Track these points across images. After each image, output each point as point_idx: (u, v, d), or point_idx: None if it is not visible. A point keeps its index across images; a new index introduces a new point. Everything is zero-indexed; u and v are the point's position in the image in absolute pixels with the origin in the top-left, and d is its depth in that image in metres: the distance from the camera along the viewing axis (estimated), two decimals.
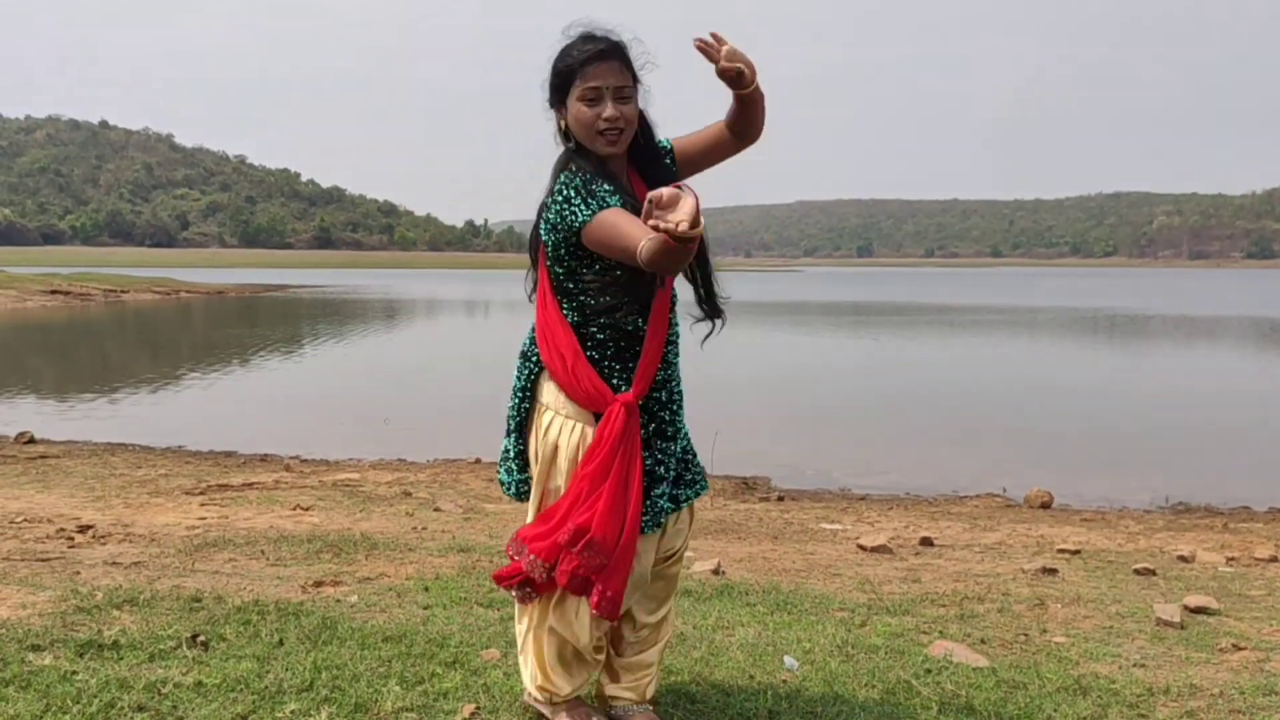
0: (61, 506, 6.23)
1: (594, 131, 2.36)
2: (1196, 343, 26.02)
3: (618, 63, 2.34)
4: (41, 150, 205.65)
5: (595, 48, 2.34)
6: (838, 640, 3.55)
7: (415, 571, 4.49)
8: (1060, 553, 5.64)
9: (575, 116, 2.37)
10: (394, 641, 3.29)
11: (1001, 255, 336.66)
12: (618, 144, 2.37)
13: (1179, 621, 3.96)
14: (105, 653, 3.08)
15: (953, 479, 8.91)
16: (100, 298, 38.69)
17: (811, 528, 6.50)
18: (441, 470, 8.68)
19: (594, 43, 2.35)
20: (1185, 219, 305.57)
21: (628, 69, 2.37)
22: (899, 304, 45.05)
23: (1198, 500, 8.13)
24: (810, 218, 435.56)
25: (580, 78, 2.34)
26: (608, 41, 2.35)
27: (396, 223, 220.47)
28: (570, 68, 2.35)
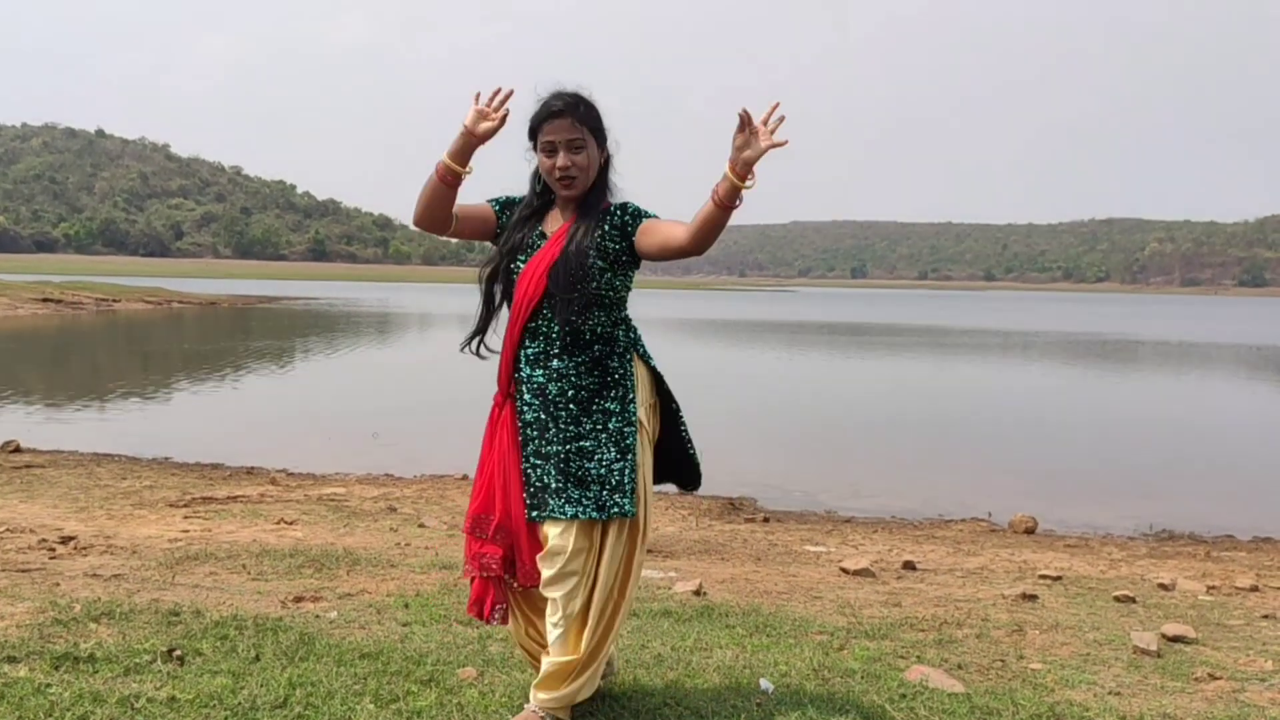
0: (44, 517, 6.21)
1: (553, 178, 2.78)
2: (1186, 370, 26.11)
3: (570, 118, 2.72)
4: (37, 157, 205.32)
5: (550, 107, 2.74)
6: (815, 663, 3.56)
7: (396, 588, 4.50)
8: (1041, 578, 5.66)
9: (540, 164, 2.81)
10: (371, 658, 3.30)
11: (994, 279, 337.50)
12: (573, 188, 2.78)
13: (1156, 650, 3.97)
14: (81, 666, 3.08)
15: (938, 503, 8.93)
16: (92, 306, 38.62)
17: (795, 549, 6.51)
18: (428, 486, 8.68)
19: (552, 102, 2.74)
20: (1178, 246, 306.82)
21: (581, 124, 2.74)
22: (891, 325, 45.15)
23: (1181, 528, 8.16)
24: (804, 238, 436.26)
25: (541, 132, 2.76)
26: (562, 101, 2.73)
27: (391, 236, 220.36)
28: (534, 124, 2.78)
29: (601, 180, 2.84)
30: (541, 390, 2.77)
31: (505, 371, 2.85)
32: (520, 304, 2.78)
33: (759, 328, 39.49)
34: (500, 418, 2.85)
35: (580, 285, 2.71)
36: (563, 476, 2.73)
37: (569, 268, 2.71)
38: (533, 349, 2.79)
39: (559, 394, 2.75)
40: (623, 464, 2.73)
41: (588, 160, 2.76)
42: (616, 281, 2.80)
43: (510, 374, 2.84)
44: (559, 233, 2.80)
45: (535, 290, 2.75)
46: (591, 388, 2.76)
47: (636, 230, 2.75)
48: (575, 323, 2.74)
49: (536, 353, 2.79)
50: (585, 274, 2.71)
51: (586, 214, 2.80)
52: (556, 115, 2.72)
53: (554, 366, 2.76)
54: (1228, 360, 29.18)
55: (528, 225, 2.86)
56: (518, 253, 2.82)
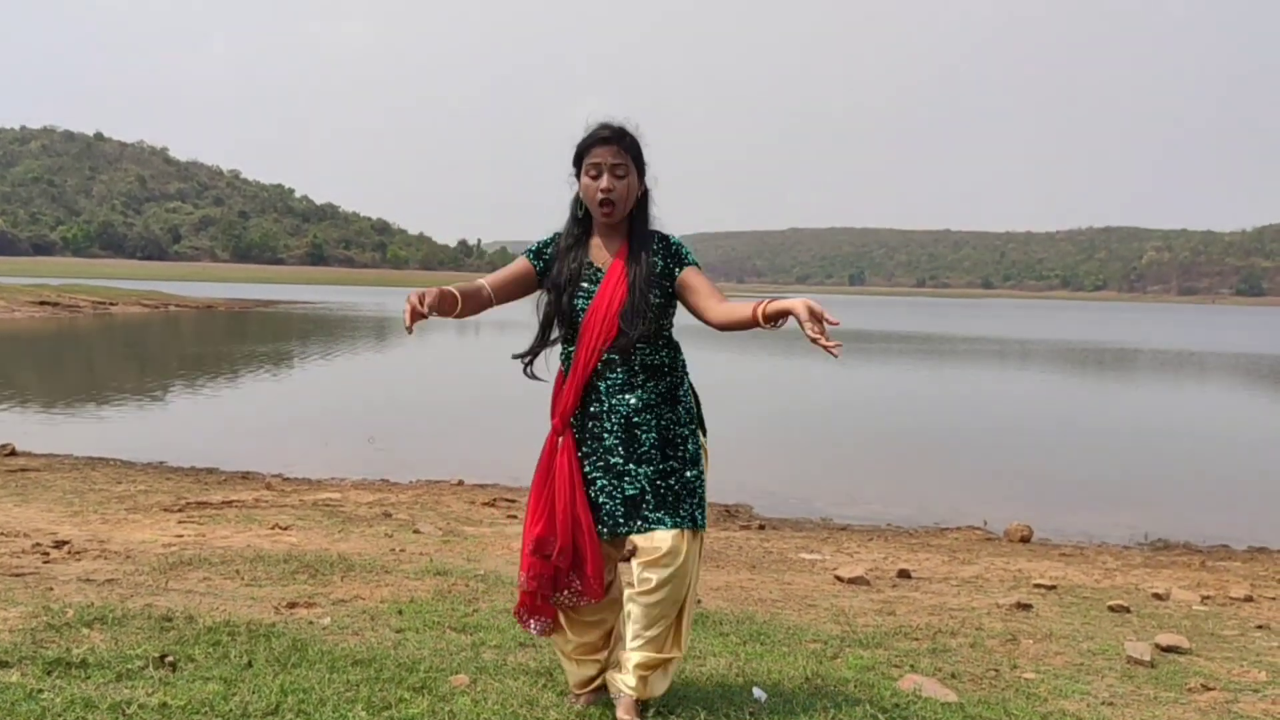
0: (39, 521, 6.20)
1: (594, 201, 2.89)
2: (1182, 379, 26.14)
3: (616, 145, 2.86)
4: (35, 160, 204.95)
5: (598, 134, 2.87)
6: (808, 672, 3.56)
7: (390, 594, 4.49)
8: (1036, 588, 5.66)
9: (583, 187, 2.92)
10: (363, 665, 3.29)
11: (993, 286, 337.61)
12: (612, 214, 2.89)
13: (1150, 660, 3.97)
14: (73, 671, 3.07)
15: (934, 511, 8.93)
16: (89, 309, 38.60)
17: (791, 557, 6.51)
18: (423, 491, 8.67)
19: (600, 130, 2.88)
20: (1175, 255, 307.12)
21: (626, 152, 2.87)
22: (889, 333, 45.15)
23: (1177, 537, 8.17)
24: (803, 245, 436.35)
25: (587, 156, 2.88)
26: (610, 129, 2.87)
27: (389, 241, 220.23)
28: (581, 148, 2.90)
29: (642, 212, 2.99)
30: (625, 418, 2.90)
31: (570, 404, 2.93)
32: (594, 347, 2.89)
33: (756, 334, 39.45)
34: (561, 445, 2.94)
35: (651, 325, 2.90)
36: (655, 494, 2.89)
37: (641, 312, 2.87)
38: (612, 379, 2.92)
39: (642, 422, 2.90)
40: (701, 481, 2.97)
41: (628, 188, 2.89)
42: (671, 312, 2.99)
43: (574, 406, 2.93)
44: (615, 271, 2.92)
45: (609, 333, 2.88)
46: (668, 413, 2.94)
47: (679, 275, 2.94)
48: (650, 358, 2.92)
49: (618, 383, 2.91)
50: (654, 313, 2.90)
51: (638, 249, 2.94)
52: (604, 141, 2.86)
53: (637, 395, 2.91)
54: (1224, 370, 29.22)
55: (574, 255, 2.97)
56: (575, 284, 2.94)
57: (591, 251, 2.97)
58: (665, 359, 2.96)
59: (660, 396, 2.93)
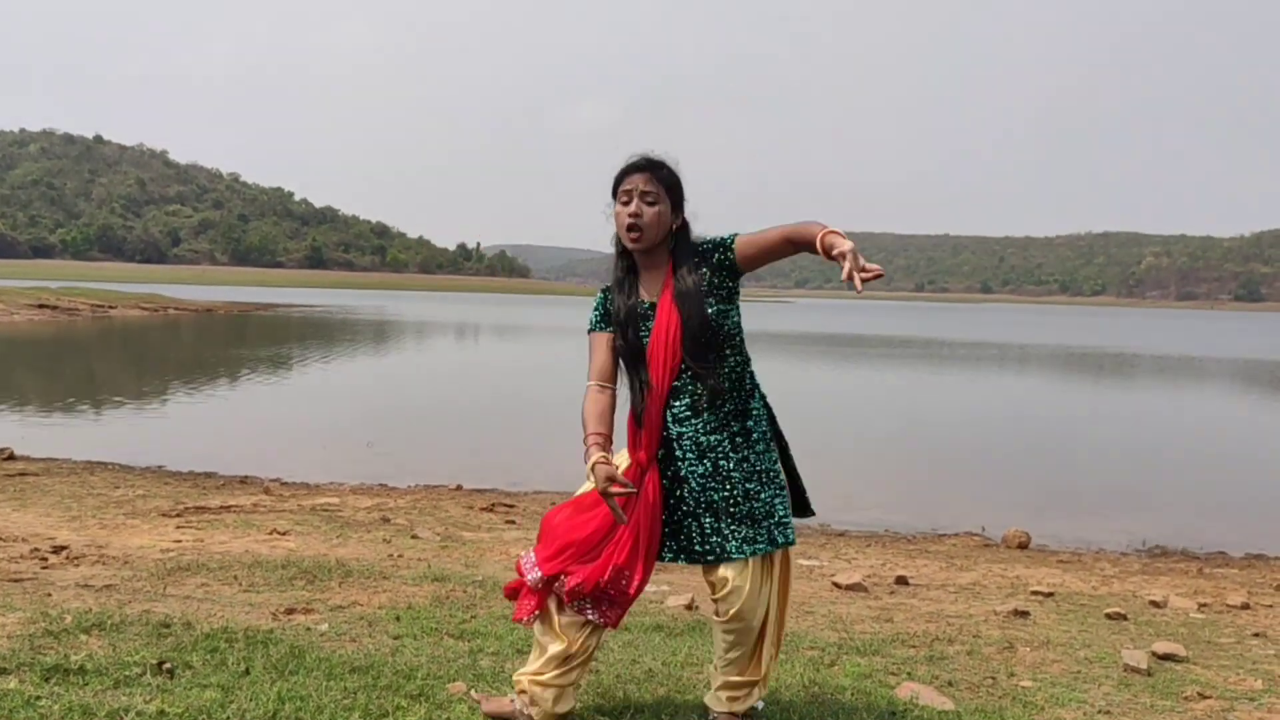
0: (37, 526, 6.21)
1: (623, 226, 2.90)
2: (1180, 385, 26.15)
3: (648, 173, 2.89)
4: (34, 163, 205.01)
5: (633, 163, 2.92)
6: (805, 680, 3.56)
7: (388, 600, 4.49)
8: (1034, 595, 5.67)
9: (615, 214, 2.94)
10: (361, 672, 3.29)
11: (991, 291, 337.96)
12: (639, 240, 2.89)
13: (1146, 668, 3.98)
14: (71, 678, 3.07)
15: (933, 517, 8.94)
16: (88, 313, 38.59)
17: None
18: (422, 496, 8.68)
19: (635, 159, 2.92)
20: (1174, 260, 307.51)
21: (658, 181, 2.89)
22: (888, 337, 45.18)
23: (1174, 544, 8.17)
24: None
25: (621, 183, 2.92)
26: (644, 159, 2.92)
27: (389, 244, 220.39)
28: (616, 178, 2.94)
29: (683, 244, 2.96)
30: (696, 443, 2.91)
31: (654, 440, 2.92)
32: (661, 379, 2.89)
33: (755, 339, 39.40)
34: (647, 479, 2.90)
35: (715, 346, 2.88)
36: (732, 519, 2.89)
37: (701, 335, 2.86)
38: (679, 407, 2.92)
39: (716, 444, 2.90)
40: (780, 497, 2.97)
41: (657, 216, 2.88)
42: (735, 315, 2.95)
43: (659, 436, 2.92)
44: (665, 302, 2.91)
45: (674, 363, 2.88)
46: (740, 432, 2.93)
47: (735, 252, 2.89)
48: (718, 381, 2.91)
49: (684, 410, 2.91)
50: (714, 330, 2.87)
51: (682, 273, 2.91)
52: (637, 170, 2.90)
53: (705, 419, 2.90)
54: (1222, 375, 29.23)
55: (628, 293, 2.98)
56: (635, 324, 2.93)
57: (641, 289, 2.97)
58: (735, 376, 2.94)
59: (730, 417, 2.92)
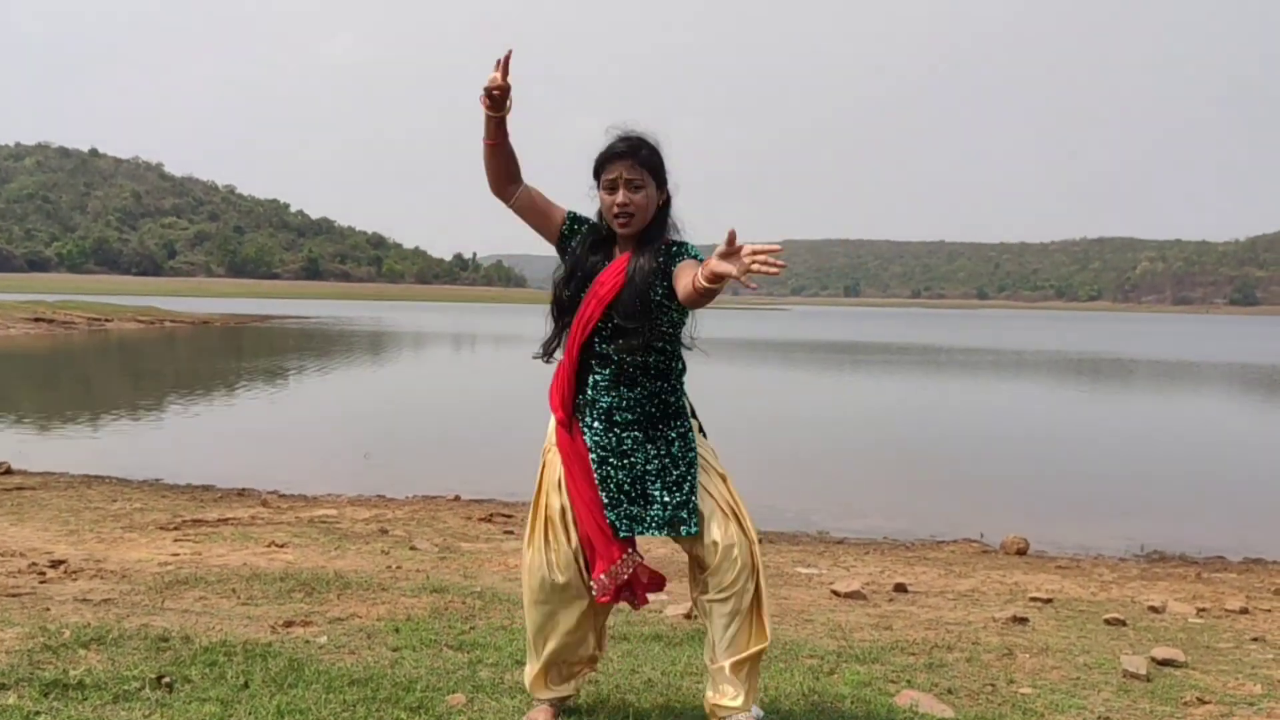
0: (35, 540, 6.20)
1: (611, 215, 2.87)
2: (1177, 389, 26.19)
3: (631, 159, 2.82)
4: (30, 177, 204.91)
5: (613, 148, 2.85)
6: (804, 688, 3.56)
7: (387, 612, 4.49)
8: (1032, 601, 5.67)
9: (601, 200, 2.91)
10: (360, 685, 3.29)
11: (987, 297, 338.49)
12: (629, 226, 2.86)
13: (1145, 674, 3.98)
14: (70, 693, 3.07)
15: (931, 523, 8.94)
16: (84, 326, 38.56)
17: (787, 571, 6.51)
18: (420, 507, 8.67)
19: (616, 143, 2.86)
20: (1169, 265, 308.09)
21: (641, 165, 2.83)
22: (885, 344, 45.22)
23: (1173, 549, 8.18)
24: (798, 256, 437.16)
25: (604, 170, 2.86)
26: (626, 142, 2.84)
27: (385, 255, 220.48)
28: (598, 162, 2.88)
29: (660, 218, 2.93)
30: (607, 415, 2.89)
31: (565, 392, 2.91)
32: (578, 326, 2.88)
33: (751, 346, 39.52)
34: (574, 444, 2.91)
35: (646, 320, 2.82)
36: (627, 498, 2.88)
37: (634, 302, 2.80)
38: (601, 377, 2.89)
39: (623, 421, 2.89)
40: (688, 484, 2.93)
41: (645, 200, 2.85)
42: (675, 316, 2.90)
43: (571, 395, 2.91)
44: (618, 263, 2.88)
45: (594, 315, 2.85)
46: (654, 416, 2.91)
47: (675, 266, 2.83)
48: (641, 356, 2.87)
49: (605, 380, 2.89)
50: (649, 309, 2.82)
51: (645, 248, 2.88)
52: (619, 156, 2.84)
53: (621, 393, 2.88)
54: (1219, 379, 29.28)
55: (601, 251, 2.94)
56: (589, 278, 2.90)
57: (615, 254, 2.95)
58: (663, 365, 2.92)
59: (644, 399, 2.89)
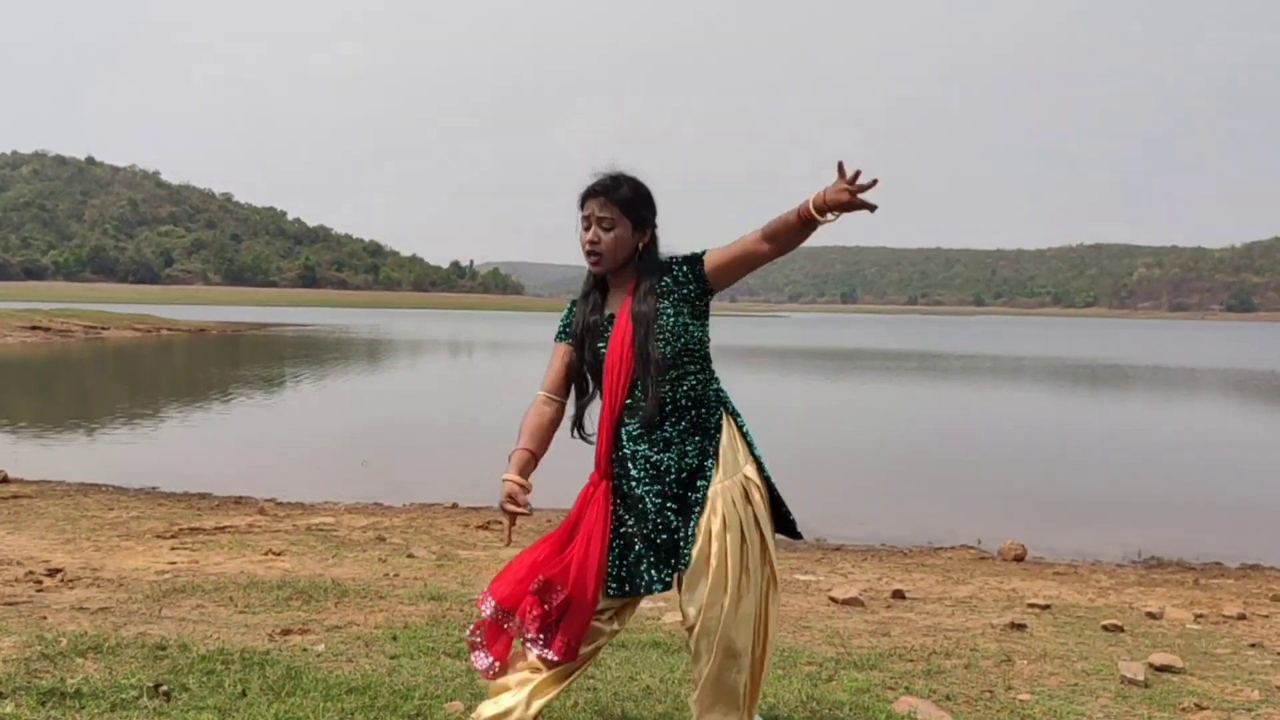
0: (31, 548, 6.19)
1: (584, 250, 2.86)
2: (1174, 396, 26.21)
3: (603, 198, 2.82)
4: (27, 185, 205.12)
5: (590, 186, 2.85)
6: (803, 695, 3.56)
7: (384, 620, 4.48)
8: (1030, 607, 5.67)
9: (580, 237, 2.88)
10: (358, 693, 3.29)
11: (984, 304, 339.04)
12: (599, 265, 2.85)
13: (1144, 680, 3.98)
14: (67, 701, 3.07)
15: (928, 530, 8.94)
16: (81, 334, 38.54)
17: (785, 578, 6.51)
18: (418, 515, 8.66)
19: (592, 182, 2.86)
20: (1165, 271, 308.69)
21: (613, 204, 2.82)
22: (882, 351, 45.24)
23: (1170, 555, 8.18)
24: (795, 263, 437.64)
25: (581, 209, 2.87)
26: (600, 182, 2.85)
27: (382, 262, 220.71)
28: (579, 201, 2.88)
29: (647, 259, 2.88)
30: (650, 463, 2.80)
31: (605, 452, 2.85)
32: (613, 389, 2.82)
33: (749, 353, 39.52)
34: (594, 495, 2.84)
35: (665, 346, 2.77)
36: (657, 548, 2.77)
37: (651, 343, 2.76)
38: (633, 425, 2.81)
39: (669, 463, 2.79)
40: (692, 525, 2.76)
41: (614, 241, 2.82)
42: (696, 330, 2.83)
43: (609, 454, 2.85)
44: (624, 312, 2.83)
45: (626, 377, 2.80)
46: (694, 454, 2.80)
47: (705, 266, 2.81)
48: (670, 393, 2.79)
49: (637, 428, 2.81)
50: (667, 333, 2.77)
51: (643, 286, 2.84)
52: (593, 194, 2.84)
53: (659, 435, 2.80)
54: (1216, 386, 29.30)
55: (594, 307, 2.92)
56: (596, 337, 2.87)
57: (609, 302, 2.91)
58: (690, 390, 2.82)
59: (685, 434, 2.80)
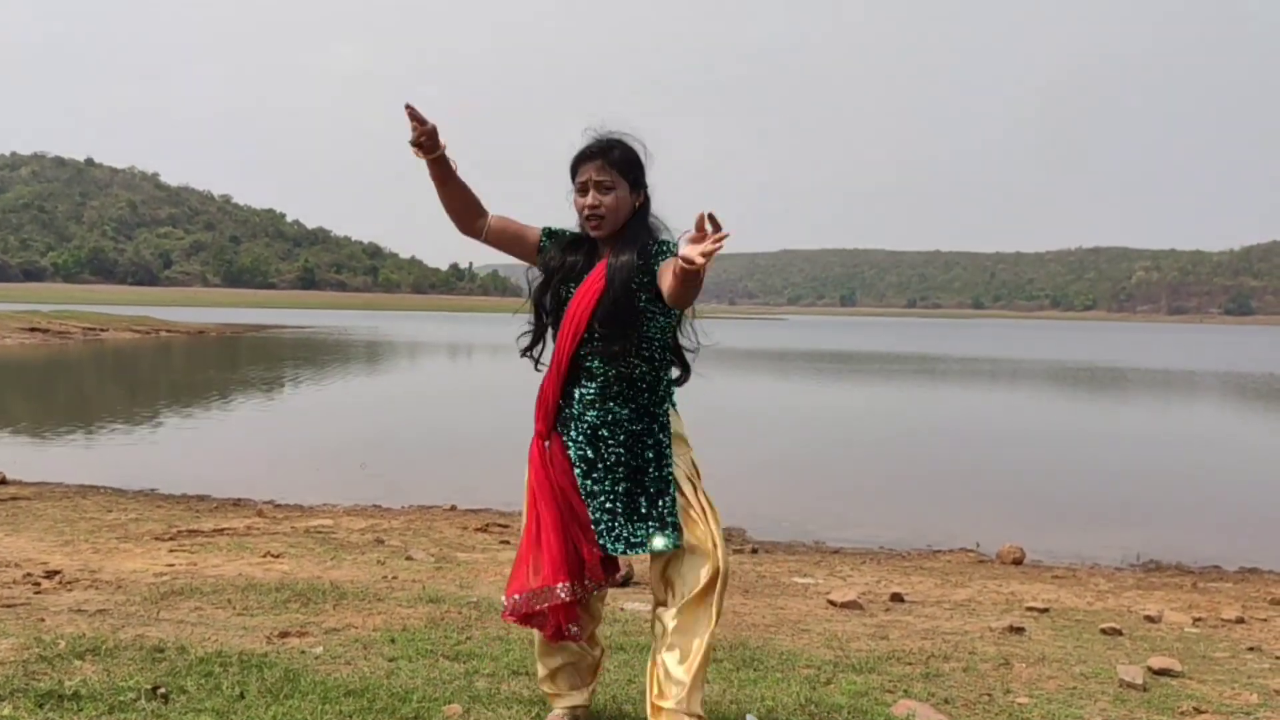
0: (30, 550, 6.18)
1: (583, 217, 2.86)
2: (1173, 399, 26.23)
3: (601, 160, 2.80)
4: (26, 186, 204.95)
5: (586, 149, 2.82)
6: (801, 698, 3.56)
7: (383, 622, 4.48)
8: (1029, 610, 5.67)
9: (575, 202, 2.88)
10: (356, 696, 3.28)
11: (983, 306, 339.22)
12: (600, 229, 2.83)
13: (1142, 683, 3.98)
14: (65, 704, 3.06)
15: (927, 533, 8.94)
16: (79, 336, 38.52)
17: (784, 581, 6.51)
18: (416, 517, 8.66)
19: (588, 145, 2.83)
20: (1164, 274, 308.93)
21: (611, 166, 2.80)
22: (881, 354, 45.25)
23: (1169, 559, 8.18)
24: (794, 266, 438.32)
25: (576, 174, 2.85)
26: (597, 143, 2.82)
27: (381, 264, 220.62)
28: (572, 165, 2.86)
29: (638, 220, 2.88)
30: (593, 430, 2.81)
31: (549, 404, 2.85)
32: (565, 337, 2.81)
33: (748, 356, 39.52)
34: (550, 452, 2.84)
35: (629, 327, 2.76)
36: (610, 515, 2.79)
37: (617, 308, 2.75)
38: (588, 391, 2.81)
39: (610, 437, 2.80)
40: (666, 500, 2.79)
41: (615, 202, 2.81)
42: (663, 322, 2.84)
43: (554, 408, 2.85)
44: (599, 269, 2.83)
45: (580, 324, 2.78)
46: (638, 434, 2.81)
47: (660, 264, 2.77)
48: (626, 366, 2.79)
49: (591, 395, 2.81)
50: (634, 315, 2.76)
51: (624, 250, 2.82)
52: (589, 157, 2.81)
53: (609, 408, 2.80)
54: (1215, 389, 29.31)
55: (579, 253, 2.90)
56: (569, 278, 2.86)
57: (597, 255, 2.89)
58: (646, 374, 2.82)
59: (633, 415, 2.80)
